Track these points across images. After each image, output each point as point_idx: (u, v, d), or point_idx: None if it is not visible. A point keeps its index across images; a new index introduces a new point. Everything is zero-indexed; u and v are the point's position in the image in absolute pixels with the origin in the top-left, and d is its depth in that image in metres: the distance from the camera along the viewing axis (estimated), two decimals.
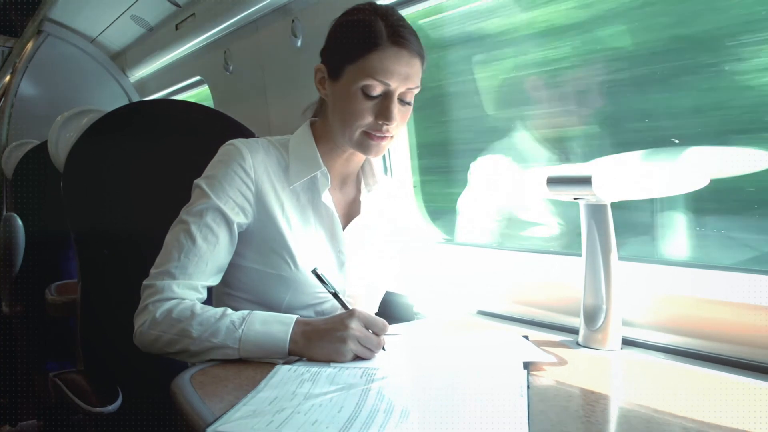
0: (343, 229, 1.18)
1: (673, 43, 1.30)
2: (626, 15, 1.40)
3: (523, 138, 1.63)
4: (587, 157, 1.43)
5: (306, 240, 1.13)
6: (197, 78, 2.93)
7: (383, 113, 1.06)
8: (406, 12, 1.65)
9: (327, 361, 0.95)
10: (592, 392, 0.86)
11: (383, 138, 1.09)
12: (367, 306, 1.24)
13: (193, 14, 2.59)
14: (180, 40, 2.77)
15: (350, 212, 1.22)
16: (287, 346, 0.96)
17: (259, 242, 1.12)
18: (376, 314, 1.18)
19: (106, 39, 3.42)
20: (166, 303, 1.02)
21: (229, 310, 1.01)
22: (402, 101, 1.08)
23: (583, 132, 1.56)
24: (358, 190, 1.24)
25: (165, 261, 1.06)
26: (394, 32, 1.05)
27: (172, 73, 3.17)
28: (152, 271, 1.07)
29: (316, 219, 1.16)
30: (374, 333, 0.98)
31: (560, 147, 1.58)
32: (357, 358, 0.97)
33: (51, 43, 3.36)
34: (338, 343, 0.95)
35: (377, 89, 1.06)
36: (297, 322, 0.98)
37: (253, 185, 1.10)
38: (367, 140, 1.09)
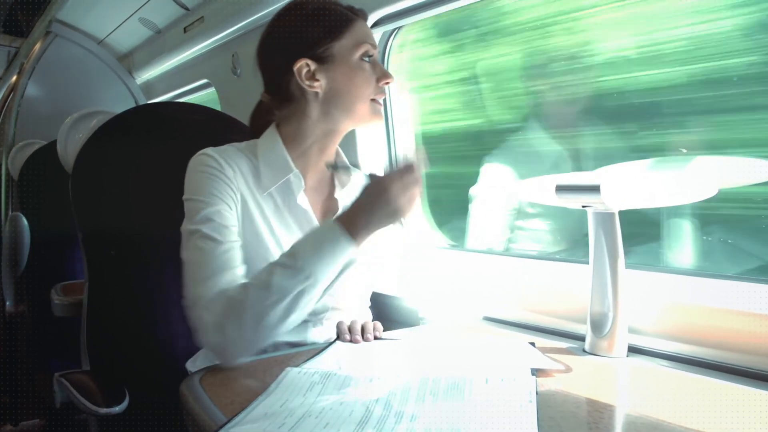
0: None
1: None
2: None
3: None
4: None
5: (287, 243, 1.12)
6: (204, 81, 2.94)
7: (384, 73, 1.15)
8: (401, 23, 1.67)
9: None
10: (600, 399, 0.86)
11: (382, 102, 1.17)
12: (353, 299, 1.24)
13: (202, 17, 2.60)
14: (188, 43, 2.78)
15: (328, 210, 1.22)
16: (348, 242, 0.98)
17: (242, 246, 1.10)
18: (380, 319, 1.19)
19: (114, 41, 3.43)
20: (216, 302, 0.99)
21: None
22: None
23: None
24: (334, 186, 1.24)
25: (193, 272, 1.04)
26: (350, 8, 1.16)
27: (178, 76, 3.18)
28: (187, 290, 1.04)
29: (294, 221, 1.17)
30: None
31: None
32: None
33: (59, 44, 3.37)
34: (407, 201, 1.00)
35: (371, 51, 1.14)
36: (337, 220, 1.01)
37: (236, 190, 1.11)
38: (376, 106, 1.16)
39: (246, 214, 1.12)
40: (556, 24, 1.59)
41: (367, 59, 1.14)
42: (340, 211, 1.06)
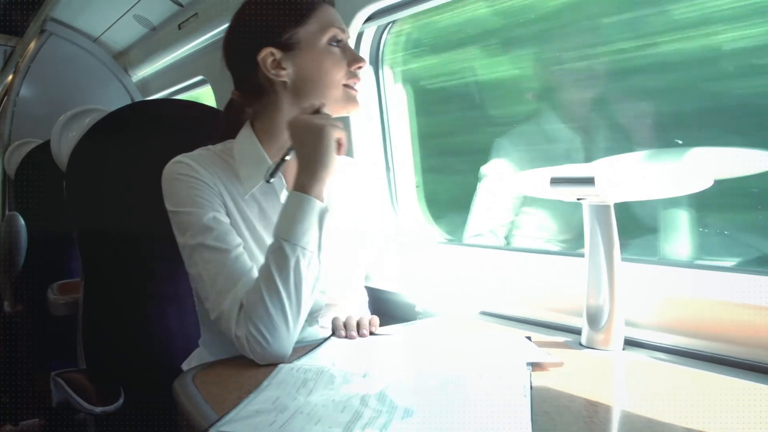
0: None
1: None
2: None
3: None
4: None
5: None
6: (200, 78, 2.93)
7: (355, 57, 1.12)
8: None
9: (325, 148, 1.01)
10: (595, 393, 0.85)
11: (356, 87, 1.14)
12: (347, 294, 1.23)
13: (196, 14, 2.59)
14: (183, 40, 2.77)
15: None
16: (305, 195, 1.00)
17: None
18: (376, 314, 1.18)
19: (109, 38, 3.42)
20: (242, 315, 0.98)
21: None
22: None
23: None
24: None
25: (210, 287, 1.02)
26: None
27: (174, 73, 3.17)
28: (209, 305, 1.03)
29: None
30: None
31: None
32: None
33: (53, 42, 3.36)
34: (324, 135, 1.01)
35: (339, 36, 1.11)
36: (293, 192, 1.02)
37: (218, 196, 1.08)
38: (350, 92, 1.13)
39: (229, 217, 1.09)
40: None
41: (335, 44, 1.11)
42: (326, 201, 1.05)
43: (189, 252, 1.06)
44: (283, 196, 1.13)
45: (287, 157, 1.06)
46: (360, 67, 1.13)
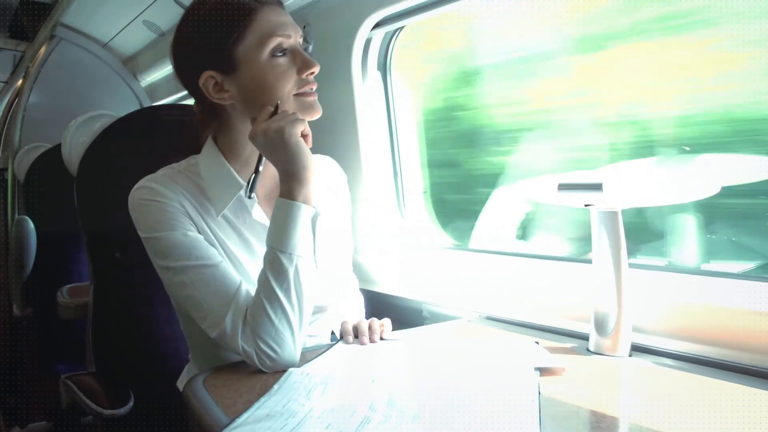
0: None
1: None
2: None
3: None
4: None
5: (248, 263, 1.09)
6: None
7: (305, 63, 1.04)
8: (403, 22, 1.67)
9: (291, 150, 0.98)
10: (602, 398, 0.86)
11: (314, 92, 1.06)
12: (336, 297, 1.22)
13: None
14: None
15: None
16: (293, 203, 0.98)
17: None
18: (382, 318, 1.19)
19: (118, 44, 3.44)
20: (245, 331, 0.97)
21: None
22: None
23: None
24: None
25: (203, 307, 1.00)
26: None
27: None
28: (205, 324, 1.00)
29: (253, 236, 1.10)
30: None
31: None
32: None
33: (63, 47, 3.38)
34: (285, 134, 0.97)
35: (284, 44, 1.02)
36: (279, 199, 1.00)
37: (187, 217, 1.04)
38: (305, 99, 1.05)
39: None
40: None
41: (279, 54, 1.02)
42: (314, 203, 1.02)
43: (173, 274, 1.02)
44: (255, 210, 1.10)
45: (261, 167, 1.04)
46: (312, 73, 1.05)
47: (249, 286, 1.03)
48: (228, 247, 1.07)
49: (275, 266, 0.97)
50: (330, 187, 1.26)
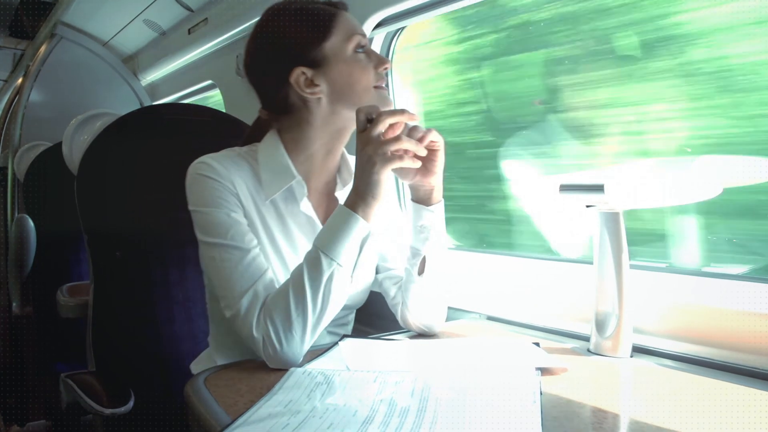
0: None
1: None
2: None
3: None
4: None
5: (288, 253, 1.12)
6: (209, 82, 2.94)
7: (380, 59, 1.13)
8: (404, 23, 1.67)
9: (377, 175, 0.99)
10: (604, 399, 0.86)
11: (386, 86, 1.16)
12: (363, 295, 1.24)
13: (206, 19, 2.61)
14: (192, 44, 2.79)
15: (333, 211, 1.18)
16: (353, 214, 1.00)
17: None
18: (384, 319, 1.19)
19: (119, 42, 3.45)
20: (261, 316, 0.99)
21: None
22: None
23: None
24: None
25: (227, 287, 1.03)
26: (329, 2, 1.13)
27: (183, 77, 3.19)
28: (223, 303, 1.04)
29: (297, 228, 1.14)
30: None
31: None
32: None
33: (64, 46, 3.38)
34: (371, 167, 0.99)
35: (362, 41, 1.11)
36: (342, 207, 1.02)
37: (238, 198, 1.09)
38: (382, 92, 1.14)
39: (247, 219, 1.09)
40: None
41: (360, 50, 1.11)
42: (371, 224, 1.03)
43: (208, 249, 1.06)
44: (304, 203, 1.13)
45: None
46: (386, 68, 1.14)
47: (279, 273, 1.09)
48: (271, 231, 1.12)
49: (314, 265, 0.98)
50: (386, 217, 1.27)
